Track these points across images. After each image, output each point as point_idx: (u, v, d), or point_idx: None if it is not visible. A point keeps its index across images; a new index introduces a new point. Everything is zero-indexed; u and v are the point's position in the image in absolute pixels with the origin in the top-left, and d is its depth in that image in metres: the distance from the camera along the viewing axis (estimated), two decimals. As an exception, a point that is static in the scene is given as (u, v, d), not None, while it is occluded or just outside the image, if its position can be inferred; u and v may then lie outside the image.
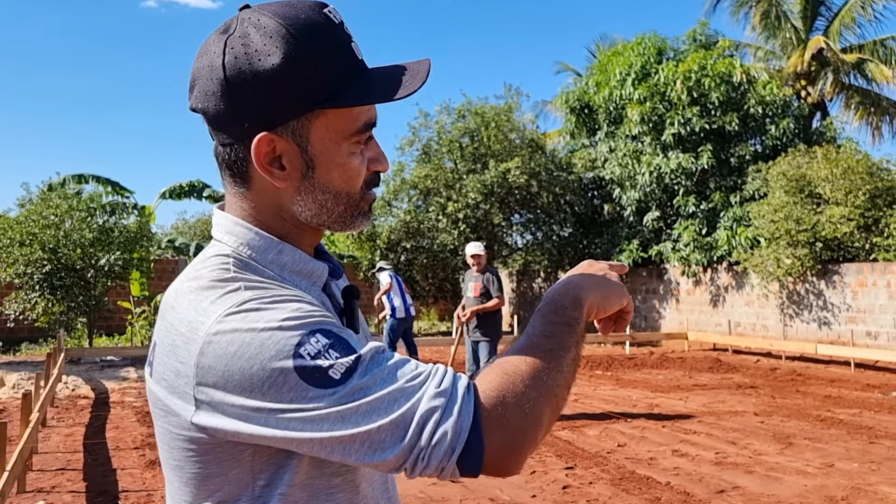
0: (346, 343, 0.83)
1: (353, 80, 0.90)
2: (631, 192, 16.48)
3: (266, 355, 0.80)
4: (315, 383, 0.80)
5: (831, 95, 18.27)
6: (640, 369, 11.97)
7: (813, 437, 6.79)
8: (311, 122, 0.90)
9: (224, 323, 0.83)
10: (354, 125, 0.92)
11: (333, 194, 0.93)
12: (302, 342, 0.81)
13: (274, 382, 0.80)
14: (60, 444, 6.89)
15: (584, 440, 6.77)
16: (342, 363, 0.81)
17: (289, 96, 0.88)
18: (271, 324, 0.82)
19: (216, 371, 0.82)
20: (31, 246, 13.07)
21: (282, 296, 0.87)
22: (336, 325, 0.86)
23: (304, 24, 0.88)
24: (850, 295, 12.71)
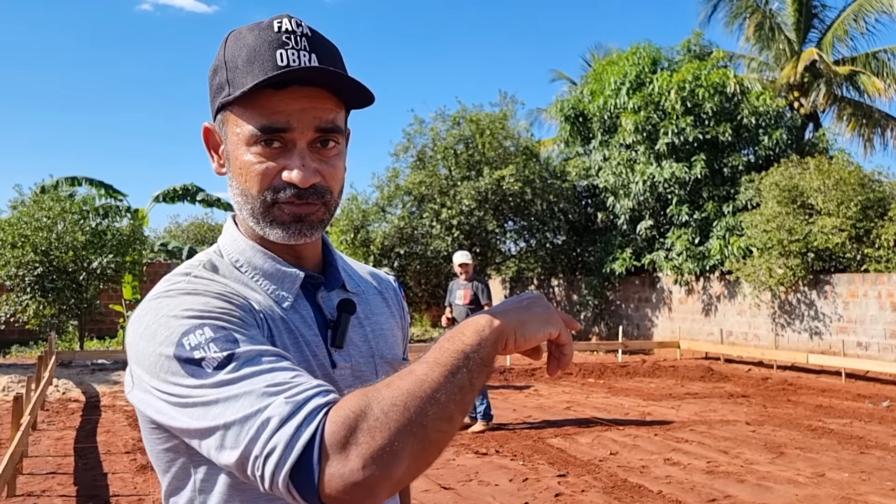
0: (231, 340, 0.85)
1: (253, 79, 0.94)
2: (624, 201, 16.54)
3: (157, 339, 0.87)
4: (189, 372, 0.84)
5: (824, 107, 18.40)
6: (633, 377, 11.99)
7: (804, 446, 6.82)
8: (226, 119, 0.99)
9: (144, 306, 0.92)
10: (253, 125, 0.95)
11: (241, 191, 0.99)
12: (187, 332, 0.85)
13: (161, 365, 0.86)
14: (51, 447, 6.85)
15: (576, 448, 6.78)
16: (215, 357, 0.83)
17: (212, 93, 1.00)
18: (172, 311, 0.88)
19: (132, 348, 0.90)
20: (23, 248, 13.01)
21: (206, 290, 0.92)
22: (235, 324, 0.88)
23: (240, 34, 0.98)
24: (841, 305, 12.78)
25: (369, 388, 0.80)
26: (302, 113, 0.94)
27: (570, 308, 18.86)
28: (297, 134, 0.94)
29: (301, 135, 0.95)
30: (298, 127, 0.94)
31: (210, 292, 0.92)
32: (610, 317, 17.62)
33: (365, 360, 1.05)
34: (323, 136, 0.96)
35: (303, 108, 0.94)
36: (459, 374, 0.81)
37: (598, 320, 17.86)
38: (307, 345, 0.98)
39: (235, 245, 1.03)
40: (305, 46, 0.95)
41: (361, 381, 1.03)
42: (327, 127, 0.96)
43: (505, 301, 0.94)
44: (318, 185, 0.96)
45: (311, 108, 0.95)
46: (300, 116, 0.94)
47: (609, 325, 17.51)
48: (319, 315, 1.02)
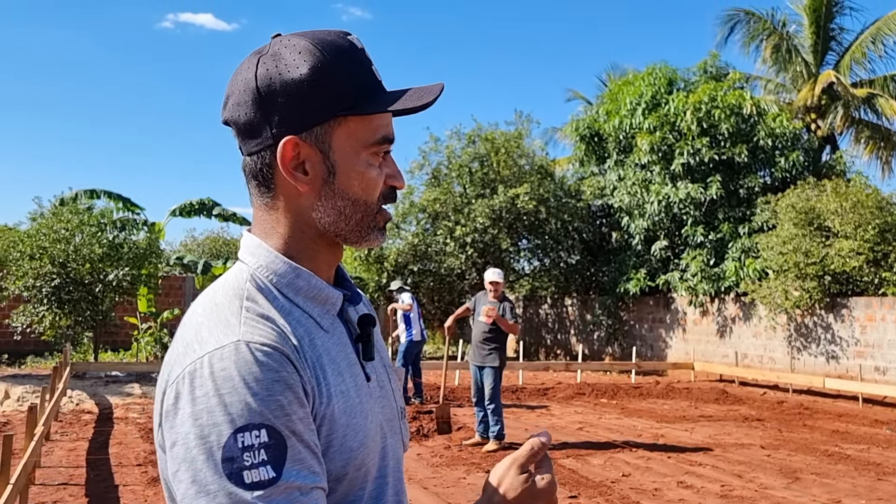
0: (282, 455, 0.83)
1: (372, 94, 0.97)
2: (639, 221, 16.49)
3: (207, 421, 0.83)
4: (226, 471, 0.81)
5: (841, 129, 18.30)
6: (646, 398, 11.89)
7: (820, 472, 6.72)
8: (333, 130, 0.96)
9: (204, 362, 0.86)
10: (373, 136, 0.97)
11: (352, 201, 0.98)
12: (243, 428, 0.82)
13: (201, 446, 0.82)
14: (63, 458, 6.88)
15: (588, 469, 6.72)
16: (260, 472, 0.82)
17: (313, 103, 0.95)
18: (231, 394, 0.83)
19: (169, 404, 0.86)
20: (41, 259, 13.14)
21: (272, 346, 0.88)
22: (290, 424, 0.85)
23: (331, 43, 0.96)
24: (858, 329, 12.63)
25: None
26: (392, 125, 1.01)
27: (583, 328, 18.77)
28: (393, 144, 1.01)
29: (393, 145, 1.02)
30: (394, 138, 1.01)
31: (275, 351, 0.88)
32: (623, 337, 17.51)
33: (381, 370, 1.08)
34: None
35: (391, 121, 1.01)
36: None
37: (611, 340, 17.75)
38: (349, 363, 0.99)
39: (274, 266, 0.98)
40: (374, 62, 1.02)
41: (384, 391, 1.06)
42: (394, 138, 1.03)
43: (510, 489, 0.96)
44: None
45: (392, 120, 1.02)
46: (393, 128, 1.01)
47: (623, 345, 17.40)
48: (348, 330, 1.03)
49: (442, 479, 6.33)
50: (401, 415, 1.09)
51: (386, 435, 1.03)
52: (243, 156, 1.00)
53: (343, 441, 0.93)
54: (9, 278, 13.51)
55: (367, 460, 0.96)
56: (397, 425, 1.07)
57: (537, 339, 20.41)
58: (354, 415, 0.95)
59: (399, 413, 1.09)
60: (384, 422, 1.03)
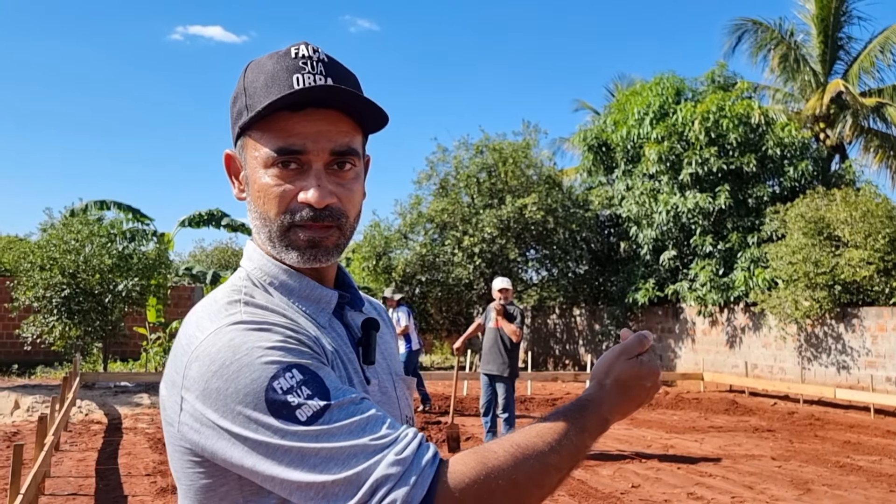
0: (322, 383, 0.84)
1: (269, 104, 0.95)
2: (647, 231, 16.45)
3: (242, 381, 0.83)
4: (282, 417, 0.82)
5: (850, 138, 18.24)
6: (655, 409, 11.83)
7: (832, 483, 6.66)
8: (245, 144, 1.00)
9: (212, 340, 0.87)
10: (269, 146, 0.96)
11: (258, 214, 0.99)
12: (277, 375, 0.83)
13: (244, 408, 0.83)
14: (73, 468, 6.89)
15: (597, 480, 6.68)
16: (311, 405, 0.82)
17: (232, 120, 1.02)
18: (254, 351, 0.85)
19: (198, 384, 0.86)
20: (52, 270, 13.21)
21: (274, 323, 0.90)
22: (316, 362, 0.87)
23: (259, 62, 1.00)
24: (869, 339, 12.55)
25: (489, 451, 0.86)
26: (318, 135, 0.95)
27: (591, 338, 18.71)
28: (313, 156, 0.95)
29: (316, 157, 0.95)
30: (314, 149, 0.95)
31: (279, 326, 0.90)
32: (632, 347, 17.41)
33: (386, 377, 1.08)
34: (339, 158, 0.97)
35: (319, 131, 0.95)
36: (573, 463, 0.90)
37: (620, 351, 17.64)
38: (348, 364, 0.99)
39: (266, 268, 1.01)
40: (322, 71, 0.97)
41: (387, 396, 1.06)
42: (342, 150, 0.97)
43: (631, 385, 0.98)
44: (334, 206, 0.96)
45: (327, 130, 0.96)
46: (316, 138, 0.95)
47: (631, 355, 17.29)
48: (349, 333, 1.04)
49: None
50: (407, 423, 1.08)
51: None
52: None
53: None
54: (19, 289, 13.58)
55: None
56: None
57: (546, 349, 20.34)
58: None
59: (404, 421, 1.08)
60: None
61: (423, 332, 18.93)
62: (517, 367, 7.67)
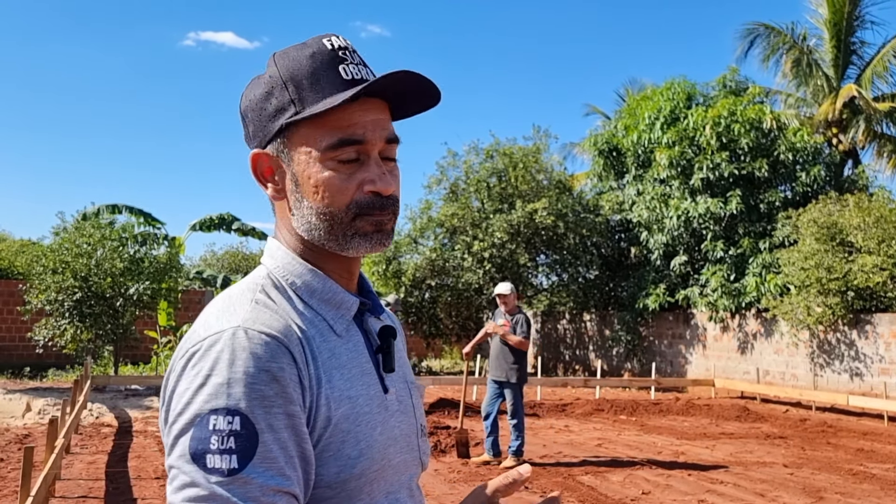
0: (251, 448, 0.82)
1: (322, 96, 0.94)
2: (658, 236, 16.39)
3: (197, 396, 0.84)
4: (192, 450, 0.82)
5: (863, 143, 18.12)
6: (666, 415, 11.76)
7: (845, 491, 6.60)
8: (290, 140, 0.96)
9: (200, 350, 0.88)
10: (328, 141, 0.94)
11: (316, 211, 0.96)
12: (218, 410, 0.82)
13: (180, 418, 0.84)
14: (83, 471, 6.92)
15: (607, 486, 6.64)
16: (223, 460, 0.81)
17: (266, 117, 0.97)
18: (223, 371, 0.84)
19: (167, 380, 0.90)
20: (64, 274, 13.29)
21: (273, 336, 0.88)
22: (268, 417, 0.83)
23: (292, 53, 0.97)
24: (882, 346, 12.43)
25: None
26: (374, 124, 0.96)
27: (602, 343, 18.64)
28: (370, 146, 0.96)
29: (373, 146, 0.96)
30: (372, 138, 0.95)
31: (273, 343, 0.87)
32: (643, 353, 17.36)
33: (402, 386, 1.06)
34: (389, 147, 0.98)
35: (374, 120, 0.96)
36: None
37: (630, 356, 17.60)
38: (362, 372, 0.98)
39: (291, 267, 0.99)
40: (360, 61, 0.98)
41: (403, 406, 1.04)
42: (393, 137, 0.98)
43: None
44: (394, 193, 0.98)
45: (380, 119, 0.97)
46: (373, 128, 0.96)
47: (642, 361, 17.25)
48: (367, 341, 1.02)
49: (459, 495, 6.29)
50: (420, 432, 1.07)
51: (401, 450, 1.01)
52: None
53: (340, 447, 0.91)
54: (32, 292, 13.67)
55: (368, 472, 0.93)
56: (415, 442, 1.05)
57: (556, 354, 20.28)
58: (359, 423, 0.93)
59: (419, 430, 1.07)
60: (400, 437, 1.01)
61: (432, 336, 18.94)
62: (525, 373, 7.63)
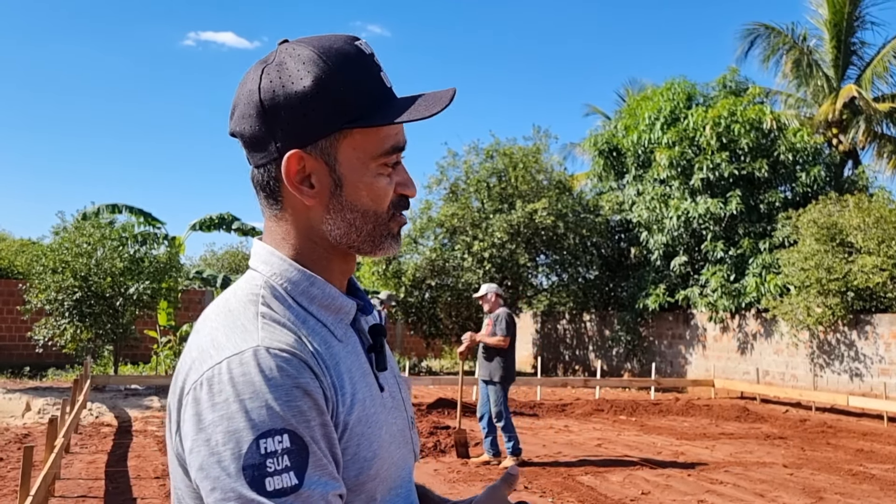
0: (305, 459, 0.83)
1: (380, 103, 0.95)
2: (658, 236, 16.39)
3: (234, 424, 0.82)
4: (250, 479, 0.81)
5: (863, 144, 18.12)
6: (666, 415, 11.76)
7: (844, 491, 6.60)
8: (339, 142, 0.94)
9: (224, 367, 0.85)
10: (381, 147, 0.96)
11: (361, 213, 0.96)
12: (267, 434, 0.81)
13: (223, 451, 0.82)
14: (83, 470, 6.92)
15: (606, 486, 6.64)
16: (284, 479, 0.81)
17: (318, 116, 0.92)
18: (258, 396, 0.83)
19: (197, 408, 0.85)
20: (64, 273, 13.28)
21: (293, 354, 0.87)
22: (310, 430, 0.84)
23: (336, 52, 0.94)
24: (882, 346, 12.43)
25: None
26: (403, 131, 1.00)
27: (601, 343, 18.64)
28: (402, 152, 1.00)
29: (402, 152, 1.01)
30: (405, 145, 1.00)
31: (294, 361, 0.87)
32: (643, 353, 17.36)
33: (392, 381, 1.06)
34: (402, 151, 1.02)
35: (402, 128, 1.00)
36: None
37: (630, 357, 17.61)
38: (363, 373, 0.98)
39: (289, 274, 0.97)
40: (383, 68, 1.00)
41: (396, 401, 1.05)
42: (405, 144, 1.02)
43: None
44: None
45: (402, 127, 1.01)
46: (404, 135, 1.00)
47: (642, 361, 17.25)
48: (361, 340, 1.02)
49: (459, 495, 6.29)
50: (411, 424, 1.09)
51: (400, 445, 1.02)
52: (251, 167, 0.99)
53: (357, 451, 0.92)
54: (32, 291, 13.67)
55: (381, 471, 0.95)
56: (408, 435, 1.06)
57: (555, 354, 20.28)
58: (369, 424, 0.94)
59: (410, 423, 1.08)
60: (398, 433, 1.02)
61: (432, 336, 18.93)
62: (510, 371, 7.52)
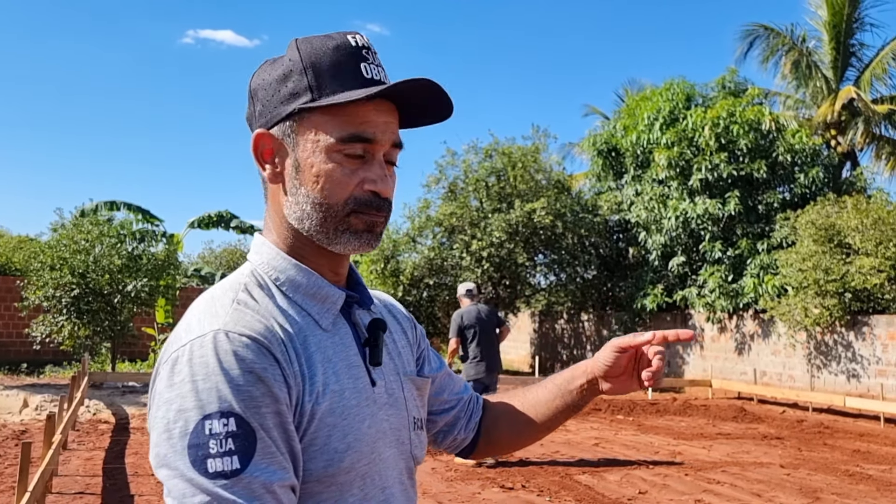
0: (251, 446, 0.82)
1: (342, 89, 0.94)
2: (656, 236, 16.40)
3: (185, 403, 0.83)
4: (192, 458, 0.81)
5: (862, 145, 18.14)
6: (663, 415, 11.78)
7: (841, 492, 6.61)
8: (299, 125, 0.96)
9: (188, 349, 0.86)
10: (341, 132, 0.94)
11: (311, 201, 0.96)
12: (212, 415, 0.82)
13: (173, 426, 0.83)
14: (80, 467, 6.91)
15: (604, 485, 6.65)
16: (225, 462, 0.81)
17: (279, 98, 0.97)
18: (210, 377, 0.83)
19: (160, 386, 0.87)
20: (61, 270, 13.27)
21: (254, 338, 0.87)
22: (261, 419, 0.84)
23: (314, 43, 0.96)
24: (880, 347, 12.46)
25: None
26: (385, 126, 0.97)
27: (599, 343, 18.65)
28: (378, 146, 0.97)
29: (380, 147, 0.97)
30: (381, 139, 0.96)
31: (256, 345, 0.87)
32: (640, 353, 17.35)
33: (393, 378, 1.06)
34: (393, 150, 0.99)
35: (385, 122, 0.97)
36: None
37: (628, 356, 17.59)
38: (349, 365, 0.98)
39: (275, 263, 0.99)
40: (379, 63, 0.99)
41: (393, 398, 1.04)
42: (399, 142, 0.99)
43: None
44: (390, 197, 0.99)
45: (391, 122, 0.98)
46: (384, 129, 0.97)
47: (639, 361, 17.24)
48: (356, 333, 1.02)
49: (457, 493, 6.30)
50: (413, 426, 1.06)
51: (391, 444, 1.00)
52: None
53: (327, 441, 0.91)
54: (29, 288, 13.66)
55: (357, 465, 0.94)
56: (406, 436, 1.05)
57: (553, 354, 20.30)
58: (346, 416, 0.93)
59: (411, 424, 1.06)
60: (389, 430, 1.00)
61: (430, 336, 18.93)
62: (473, 369, 7.77)
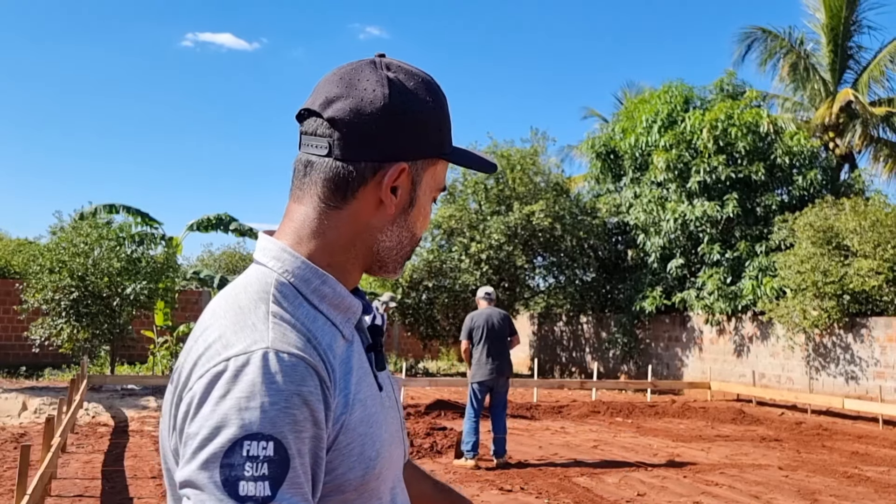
0: (283, 474, 0.81)
1: (451, 142, 1.06)
2: (655, 239, 16.42)
3: (219, 423, 0.81)
4: (223, 478, 0.79)
5: (860, 148, 18.18)
6: (662, 418, 11.78)
7: (839, 494, 6.62)
8: (426, 168, 1.02)
9: (232, 365, 0.84)
10: (442, 182, 1.06)
11: (411, 235, 1.04)
12: (252, 437, 0.80)
13: (206, 444, 0.81)
14: (79, 470, 6.91)
15: (602, 487, 6.66)
16: (258, 488, 0.79)
17: (431, 139, 1.01)
18: (254, 397, 0.82)
19: (189, 404, 0.85)
20: (60, 273, 13.27)
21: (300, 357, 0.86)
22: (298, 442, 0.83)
23: (438, 87, 1.04)
24: (878, 349, 12.47)
25: None
26: None
27: (598, 346, 18.66)
28: None
29: None
30: None
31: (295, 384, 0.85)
32: (639, 356, 17.38)
33: (387, 380, 1.08)
34: None
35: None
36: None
37: (627, 359, 17.63)
38: (365, 373, 0.99)
39: (300, 272, 0.96)
40: None
41: (391, 401, 1.06)
42: None
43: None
44: None
45: None
46: None
47: (638, 363, 17.27)
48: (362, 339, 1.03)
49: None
50: (402, 424, 1.10)
51: (397, 444, 1.03)
52: (325, 157, 0.97)
53: (362, 450, 0.92)
54: (28, 291, 13.65)
55: (384, 470, 0.96)
56: (403, 434, 1.08)
57: (552, 356, 20.30)
58: (371, 424, 0.94)
59: (402, 422, 1.10)
60: (395, 432, 1.03)
61: (429, 338, 18.94)
62: (475, 370, 7.75)
